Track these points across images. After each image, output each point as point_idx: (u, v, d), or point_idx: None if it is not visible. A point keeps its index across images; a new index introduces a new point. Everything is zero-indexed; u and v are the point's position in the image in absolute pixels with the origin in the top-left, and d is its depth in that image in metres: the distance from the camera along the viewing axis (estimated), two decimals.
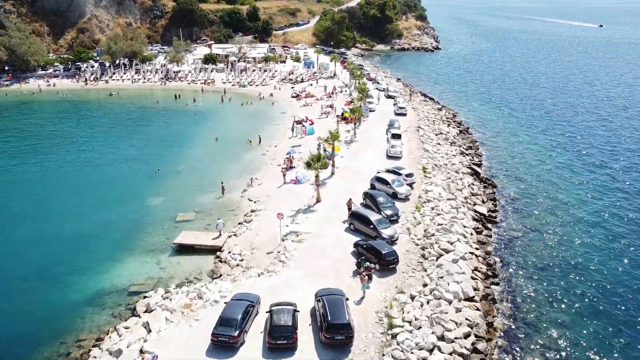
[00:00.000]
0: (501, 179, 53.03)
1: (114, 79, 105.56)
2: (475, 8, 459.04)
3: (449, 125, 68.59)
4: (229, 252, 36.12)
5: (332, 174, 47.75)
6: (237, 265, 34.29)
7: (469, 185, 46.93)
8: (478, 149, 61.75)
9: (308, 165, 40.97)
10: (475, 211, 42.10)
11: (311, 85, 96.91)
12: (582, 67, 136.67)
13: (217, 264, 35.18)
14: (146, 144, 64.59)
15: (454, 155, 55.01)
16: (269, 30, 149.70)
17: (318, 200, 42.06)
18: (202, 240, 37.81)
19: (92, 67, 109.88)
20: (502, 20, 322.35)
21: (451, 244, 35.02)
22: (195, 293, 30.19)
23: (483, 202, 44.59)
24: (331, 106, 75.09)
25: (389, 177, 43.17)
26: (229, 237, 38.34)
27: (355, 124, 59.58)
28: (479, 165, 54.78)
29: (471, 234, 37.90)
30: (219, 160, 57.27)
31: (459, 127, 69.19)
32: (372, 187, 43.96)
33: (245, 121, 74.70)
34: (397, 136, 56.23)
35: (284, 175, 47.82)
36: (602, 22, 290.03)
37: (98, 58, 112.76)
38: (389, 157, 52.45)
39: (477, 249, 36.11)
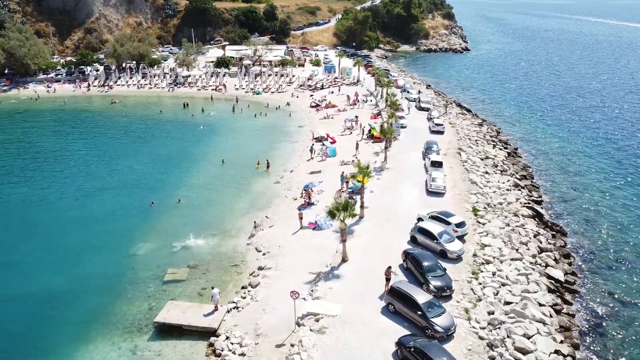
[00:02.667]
0: (568, 221, 42.99)
1: (119, 84, 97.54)
2: (500, 5, 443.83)
3: (494, 146, 58.49)
4: (227, 339, 27.05)
5: (361, 217, 38.33)
6: None
7: (534, 236, 37.02)
8: (533, 178, 51.72)
9: (332, 215, 31.64)
10: (549, 277, 32.27)
11: (332, 93, 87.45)
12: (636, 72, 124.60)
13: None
14: (144, 166, 55.92)
15: (507, 190, 45.06)
16: (287, 31, 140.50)
17: (344, 260, 32.71)
18: (193, 318, 28.76)
19: (97, 70, 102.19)
20: (530, 18, 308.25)
21: (529, 338, 25.45)
22: None
23: (556, 260, 34.65)
24: (355, 120, 65.55)
25: (435, 229, 33.55)
26: (228, 311, 29.28)
27: (386, 146, 49.84)
28: (540, 203, 44.77)
29: (550, 316, 28.17)
30: (224, 191, 48.28)
31: (505, 148, 59.04)
32: (413, 240, 34.45)
33: (258, 137, 65.59)
34: (437, 164, 46.48)
35: (301, 218, 38.53)
36: None
37: (103, 61, 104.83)
38: (430, 192, 42.71)
39: (561, 341, 26.37)
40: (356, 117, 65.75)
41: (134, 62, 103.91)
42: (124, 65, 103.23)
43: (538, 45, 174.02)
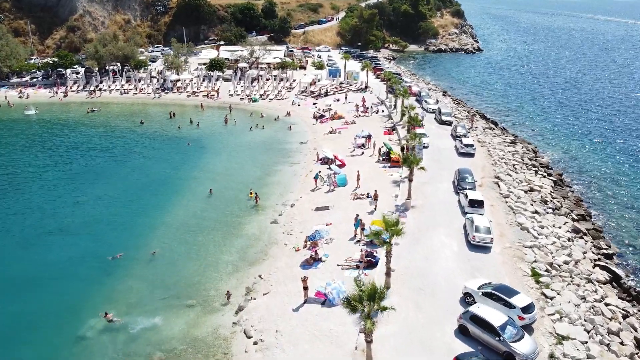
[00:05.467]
0: None
1: (100, 89, 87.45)
2: (506, 3, 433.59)
3: (536, 172, 48.66)
4: None
5: (388, 287, 28.53)
6: None
7: (624, 318, 27.27)
8: (591, 217, 42.00)
9: (351, 308, 21.85)
10: None
11: (337, 100, 77.57)
12: None
13: None
14: (115, 197, 45.95)
15: (569, 240, 35.35)
16: (287, 29, 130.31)
17: None
18: None
19: (77, 73, 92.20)
20: (539, 16, 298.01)
21: None
22: None
23: None
24: (368, 138, 55.75)
25: (496, 319, 23.75)
26: None
27: (410, 178, 39.86)
28: (611, 257, 35.06)
29: None
30: (208, 236, 38.47)
31: (549, 174, 49.20)
32: (463, 330, 24.74)
33: (253, 158, 55.75)
34: (477, 204, 36.65)
35: (305, 288, 28.73)
36: None
37: (83, 63, 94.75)
38: (473, 245, 32.89)
39: None
40: (369, 135, 55.82)
41: (118, 64, 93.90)
42: (107, 67, 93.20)
43: (555, 46, 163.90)
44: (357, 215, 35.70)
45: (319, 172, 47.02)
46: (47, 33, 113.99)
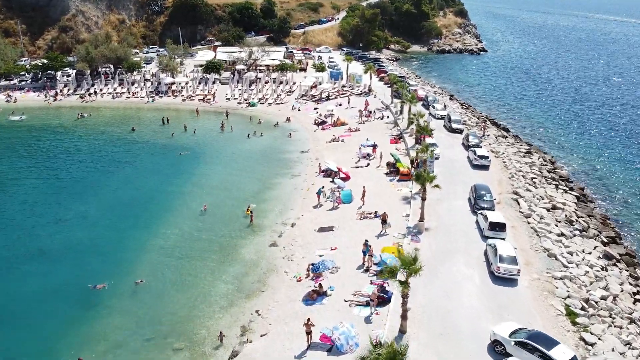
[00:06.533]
0: None
1: (95, 92, 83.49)
2: (507, 1, 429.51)
3: (557, 186, 44.99)
4: None
5: (402, 332, 24.87)
6: None
7: None
8: (621, 238, 38.37)
9: None
10: None
11: (339, 105, 73.82)
12: None
13: None
14: (99, 216, 42.20)
15: (603, 268, 31.70)
16: (287, 30, 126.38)
17: None
18: None
19: (69, 76, 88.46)
20: (542, 16, 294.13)
21: None
22: None
23: None
24: (374, 148, 52.07)
25: None
26: None
27: (423, 197, 36.11)
28: None
29: None
30: (201, 261, 34.83)
31: (570, 188, 45.51)
32: None
33: (251, 169, 52.06)
34: (498, 227, 32.98)
35: (309, 333, 25.02)
36: None
37: (74, 65, 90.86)
38: (497, 277, 29.19)
39: None
40: (375, 144, 52.14)
41: (111, 66, 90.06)
42: (99, 70, 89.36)
43: (563, 46, 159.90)
44: (367, 241, 31.98)
45: (322, 187, 43.32)
46: (38, 33, 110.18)
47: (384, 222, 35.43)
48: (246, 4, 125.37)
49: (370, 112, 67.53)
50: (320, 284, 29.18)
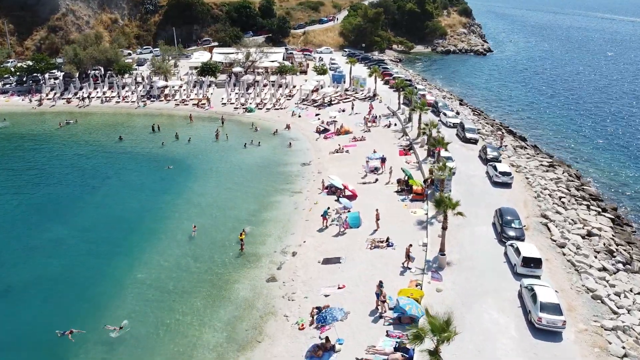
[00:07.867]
0: None
1: (83, 97, 78.60)
2: (509, 1, 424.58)
3: (588, 206, 40.27)
4: None
5: None
6: None
7: None
8: None
9: None
10: None
11: (343, 111, 69.06)
12: None
13: None
14: (74, 242, 37.32)
15: None
16: (286, 29, 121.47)
17: None
18: None
19: (56, 79, 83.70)
20: (547, 15, 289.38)
21: None
22: None
23: None
24: (382, 161, 47.34)
25: None
26: None
27: (444, 226, 31.28)
28: None
29: None
30: (189, 301, 30.08)
31: (603, 209, 40.74)
32: None
33: (247, 185, 47.23)
34: (535, 264, 28.30)
35: None
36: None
37: (62, 67, 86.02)
38: (537, 329, 24.50)
39: None
40: (384, 157, 47.39)
41: (101, 68, 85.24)
42: (88, 72, 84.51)
43: (571, 47, 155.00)
44: (381, 282, 27.25)
45: (328, 207, 38.58)
46: (26, 33, 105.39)
47: (407, 256, 30.69)
48: (244, 2, 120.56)
49: (375, 117, 62.99)
50: (327, 338, 24.45)
